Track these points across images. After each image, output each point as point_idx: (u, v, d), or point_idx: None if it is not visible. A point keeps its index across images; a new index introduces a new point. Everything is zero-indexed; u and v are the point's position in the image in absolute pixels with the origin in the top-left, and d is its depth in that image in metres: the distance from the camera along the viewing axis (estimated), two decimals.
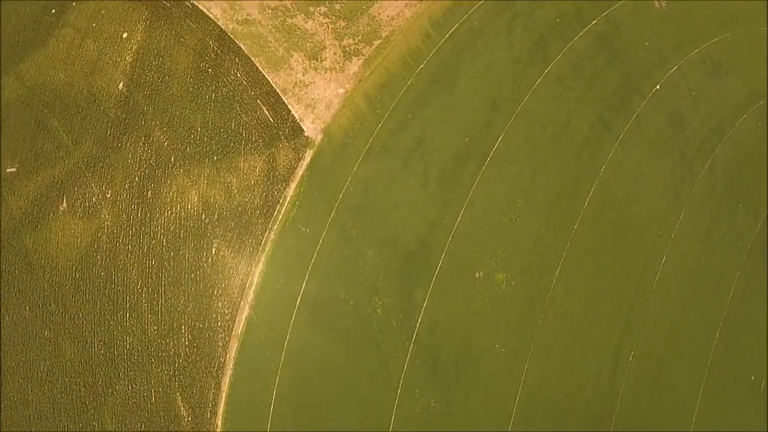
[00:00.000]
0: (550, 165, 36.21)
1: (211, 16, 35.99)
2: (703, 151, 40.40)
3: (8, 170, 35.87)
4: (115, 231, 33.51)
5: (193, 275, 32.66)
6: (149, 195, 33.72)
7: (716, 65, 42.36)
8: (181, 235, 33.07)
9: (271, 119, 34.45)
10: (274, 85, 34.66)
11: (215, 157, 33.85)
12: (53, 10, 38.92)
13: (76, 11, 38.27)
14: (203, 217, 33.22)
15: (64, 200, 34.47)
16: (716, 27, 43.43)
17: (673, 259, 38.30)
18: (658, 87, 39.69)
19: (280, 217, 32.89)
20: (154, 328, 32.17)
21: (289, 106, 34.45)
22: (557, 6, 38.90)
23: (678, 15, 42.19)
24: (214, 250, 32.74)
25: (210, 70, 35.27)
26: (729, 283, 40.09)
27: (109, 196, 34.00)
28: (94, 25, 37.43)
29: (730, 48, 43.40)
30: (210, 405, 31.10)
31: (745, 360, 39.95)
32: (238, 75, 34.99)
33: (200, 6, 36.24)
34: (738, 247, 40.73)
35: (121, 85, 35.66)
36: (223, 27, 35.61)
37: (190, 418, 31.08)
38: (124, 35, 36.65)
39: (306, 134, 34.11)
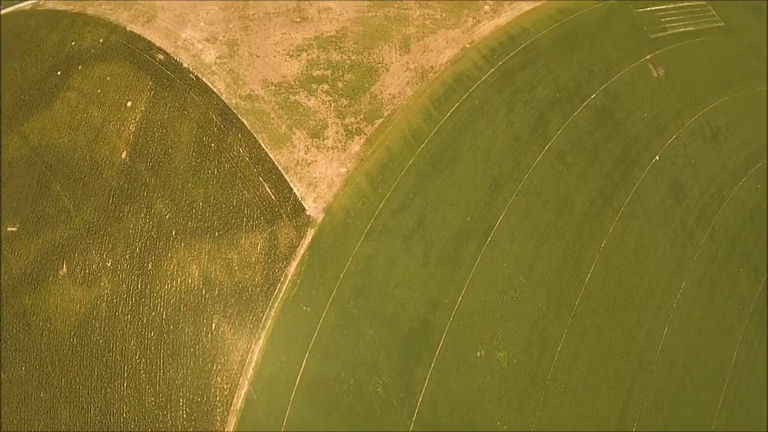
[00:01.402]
0: (551, 241, 36.23)
1: (214, 89, 36.40)
2: (703, 219, 40.42)
3: (9, 229, 35.84)
4: (115, 300, 33.34)
5: (192, 349, 32.41)
6: (150, 266, 33.63)
7: (715, 131, 42.64)
8: (181, 309, 32.89)
9: (273, 197, 34.53)
10: (276, 163, 34.92)
11: (216, 233, 33.85)
12: (59, 72, 39.31)
13: (82, 75, 38.64)
14: (204, 292, 33.09)
15: (65, 265, 34.37)
16: (714, 91, 43.86)
17: (676, 328, 38.06)
18: (657, 158, 39.85)
19: (281, 295, 32.81)
20: (152, 399, 31.80)
21: (291, 185, 34.62)
22: (557, 81, 39.34)
23: (675, 82, 42.61)
24: (214, 325, 32.54)
25: (213, 144, 35.46)
26: (732, 347, 39.77)
27: (109, 264, 33.91)
28: (98, 91, 37.75)
29: (729, 111, 43.74)
30: None
31: (750, 421, 39.49)
32: (241, 151, 35.23)
33: (204, 79, 36.61)
34: (740, 311, 40.50)
35: (124, 154, 35.80)
36: (226, 101, 36.05)
37: None
38: (129, 104, 36.91)
39: (308, 213, 34.18)
